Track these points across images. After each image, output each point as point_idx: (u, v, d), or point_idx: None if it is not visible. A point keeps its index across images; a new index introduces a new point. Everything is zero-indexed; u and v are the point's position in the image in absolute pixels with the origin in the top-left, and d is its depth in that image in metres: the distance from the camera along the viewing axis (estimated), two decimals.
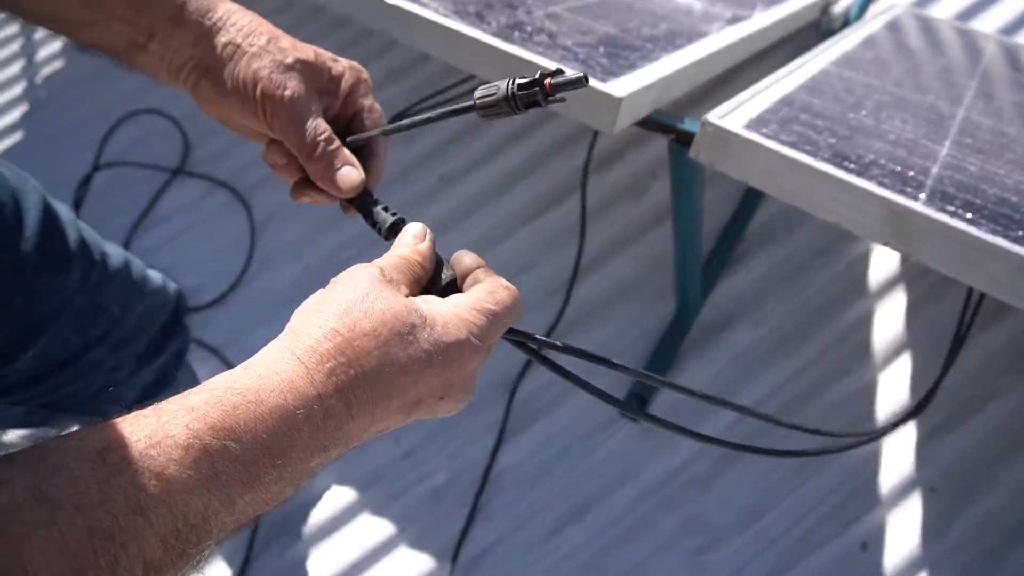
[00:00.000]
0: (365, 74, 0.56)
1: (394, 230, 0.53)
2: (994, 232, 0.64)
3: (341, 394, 0.37)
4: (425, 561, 1.20)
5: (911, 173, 0.71)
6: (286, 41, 0.53)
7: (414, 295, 0.43)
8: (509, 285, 0.46)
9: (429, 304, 0.42)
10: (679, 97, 0.99)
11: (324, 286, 0.44)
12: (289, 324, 0.39)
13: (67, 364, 0.74)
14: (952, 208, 0.66)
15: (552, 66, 0.80)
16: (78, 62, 1.91)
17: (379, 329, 0.38)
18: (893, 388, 1.23)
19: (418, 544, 1.22)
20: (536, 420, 1.30)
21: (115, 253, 0.80)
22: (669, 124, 0.85)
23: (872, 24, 1.29)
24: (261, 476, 0.34)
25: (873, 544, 1.14)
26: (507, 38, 0.85)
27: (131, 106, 1.74)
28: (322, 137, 0.52)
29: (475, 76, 0.86)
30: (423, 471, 1.28)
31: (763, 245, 1.39)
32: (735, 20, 1.11)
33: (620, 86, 0.78)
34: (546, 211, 1.50)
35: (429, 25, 0.86)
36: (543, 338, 0.49)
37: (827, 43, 1.10)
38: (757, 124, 0.75)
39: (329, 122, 0.54)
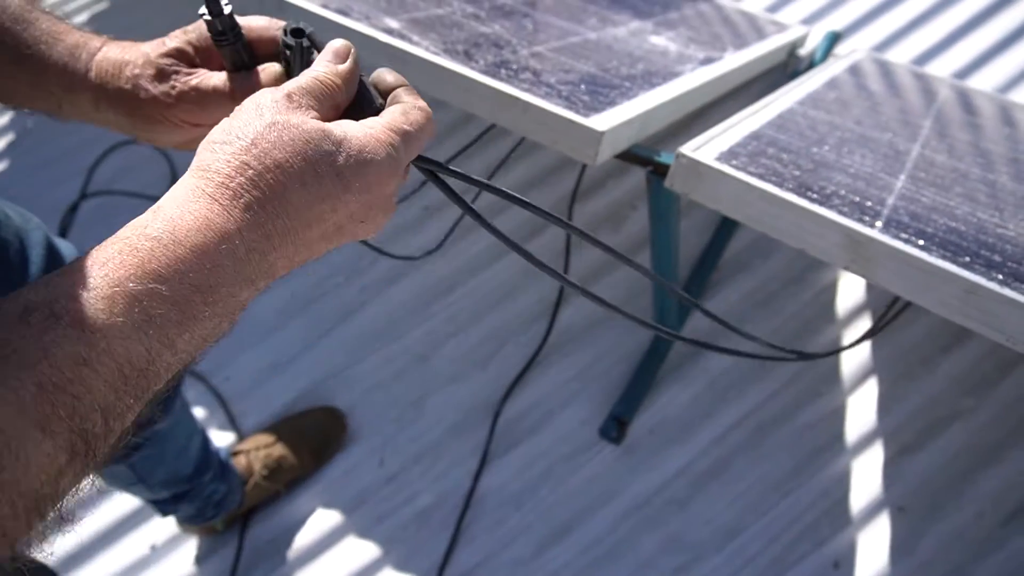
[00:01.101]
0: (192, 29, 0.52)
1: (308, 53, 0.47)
2: (944, 257, 0.69)
3: (260, 227, 0.36)
4: None
5: (869, 203, 0.77)
6: (141, 55, 0.51)
7: (328, 120, 0.41)
8: (424, 105, 0.45)
9: (342, 128, 0.40)
10: (656, 131, 1.05)
11: (309, 314, 0.44)
12: (195, 160, 0.38)
13: None
14: (906, 236, 0.72)
15: (537, 101, 0.85)
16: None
17: (291, 160, 0.37)
18: (862, 410, 1.28)
19: (402, 566, 1.24)
20: (519, 443, 1.33)
21: None
22: (647, 157, 0.91)
23: (835, 67, 1.37)
24: (195, 314, 0.34)
25: (845, 563, 1.17)
26: (494, 75, 0.90)
27: (118, 135, 1.76)
28: (233, 91, 0.50)
29: (473, 115, 0.91)
30: (407, 494, 1.30)
31: (738, 273, 1.45)
32: (707, 61, 1.18)
33: (601, 121, 0.84)
34: (530, 239, 1.55)
35: (420, 62, 0.91)
36: (455, 169, 0.46)
37: (793, 83, 1.17)
38: (728, 156, 0.80)
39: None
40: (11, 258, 0.67)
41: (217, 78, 0.51)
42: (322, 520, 1.29)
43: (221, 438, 1.38)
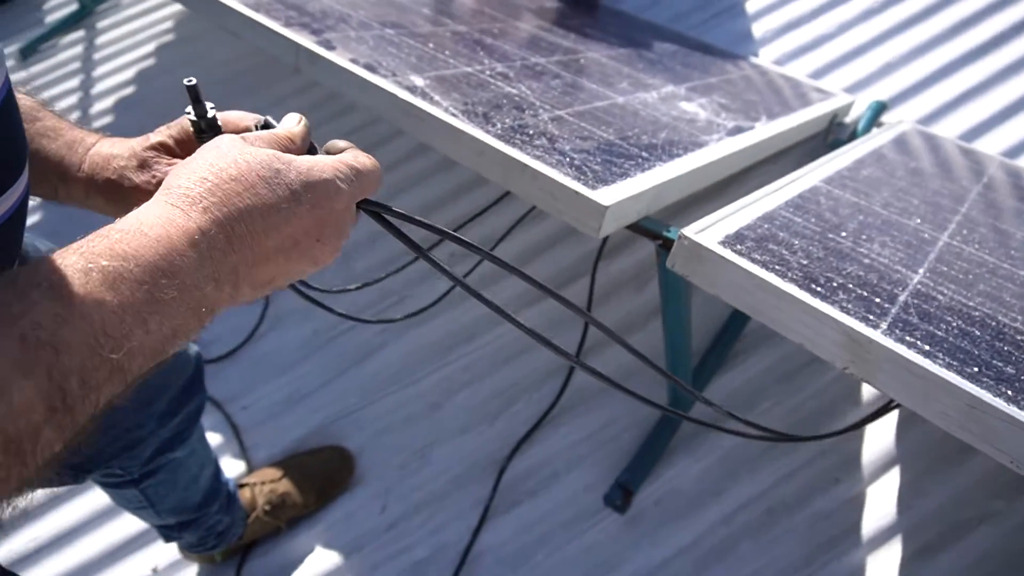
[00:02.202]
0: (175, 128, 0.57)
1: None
2: (949, 366, 0.66)
3: (219, 227, 0.39)
4: None
5: (877, 300, 0.74)
6: (128, 148, 0.56)
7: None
8: (369, 156, 0.49)
9: (290, 154, 0.45)
10: (679, 200, 1.03)
11: (330, 351, 0.46)
12: (160, 187, 0.42)
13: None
14: (912, 339, 0.69)
15: (546, 170, 0.86)
16: (119, 131, 2.04)
17: (245, 174, 0.41)
18: (881, 502, 1.22)
19: None
20: (521, 502, 1.30)
21: None
22: (655, 231, 0.89)
23: (875, 140, 1.33)
24: (161, 297, 0.36)
25: None
26: (508, 140, 0.91)
27: None
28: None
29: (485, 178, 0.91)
30: (405, 543, 1.29)
31: (761, 345, 1.41)
32: (736, 131, 1.16)
33: (608, 195, 0.83)
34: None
35: (435, 122, 0.92)
36: (400, 211, 0.50)
37: (825, 158, 1.15)
38: (734, 240, 0.78)
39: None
40: None
41: None
42: (319, 561, 1.28)
43: (231, 467, 1.40)
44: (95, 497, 1.37)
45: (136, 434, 0.86)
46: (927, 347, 0.68)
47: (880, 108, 1.61)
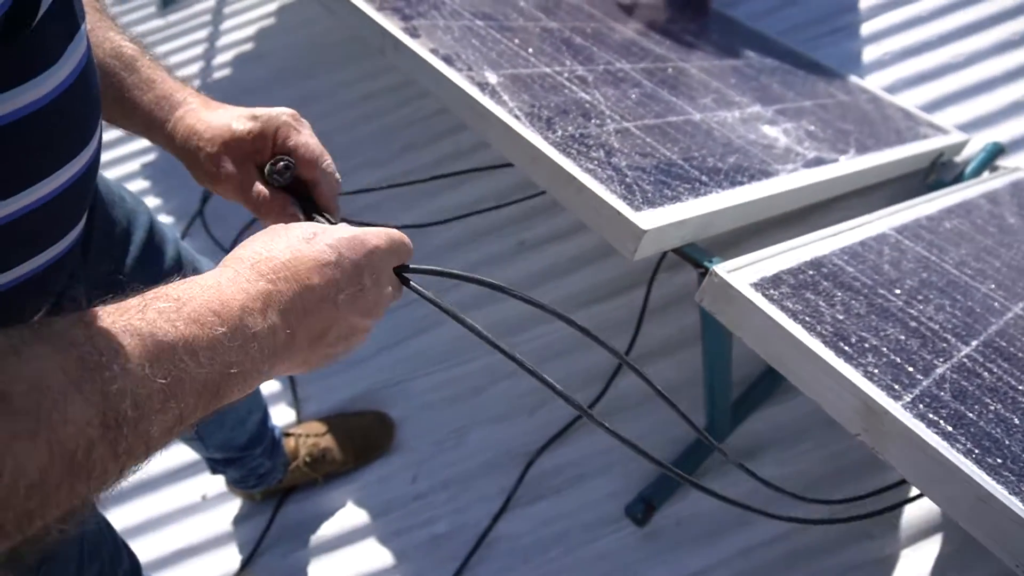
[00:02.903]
0: (284, 118, 0.63)
1: None
2: (969, 453, 0.62)
3: (266, 277, 0.43)
4: None
5: (910, 369, 0.71)
6: (208, 130, 0.62)
7: None
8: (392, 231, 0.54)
9: (333, 226, 0.50)
10: (736, 228, 1.01)
11: (390, 320, 0.52)
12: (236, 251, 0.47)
13: None
14: (935, 416, 0.65)
15: (592, 184, 0.86)
16: (234, 84, 2.17)
17: (290, 240, 0.46)
18: (915, 568, 1.16)
19: None
20: (544, 497, 1.33)
21: (207, 267, 0.93)
22: (696, 259, 0.88)
23: (975, 187, 1.24)
24: (212, 332, 0.39)
25: None
26: (564, 149, 0.92)
27: None
28: (260, 200, 0.61)
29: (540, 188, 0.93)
30: (429, 516, 1.34)
31: None
32: (816, 163, 1.11)
33: (650, 218, 0.83)
34: (610, 298, 1.54)
35: (496, 122, 0.94)
36: (434, 268, 0.56)
37: (907, 203, 1.08)
38: (769, 284, 0.76)
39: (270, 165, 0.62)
40: (117, 235, 0.78)
41: (247, 184, 0.63)
42: (348, 517, 1.36)
43: (281, 414, 1.49)
44: None
45: None
46: (950, 428, 0.65)
47: (996, 151, 1.49)
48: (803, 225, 1.49)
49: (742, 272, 0.76)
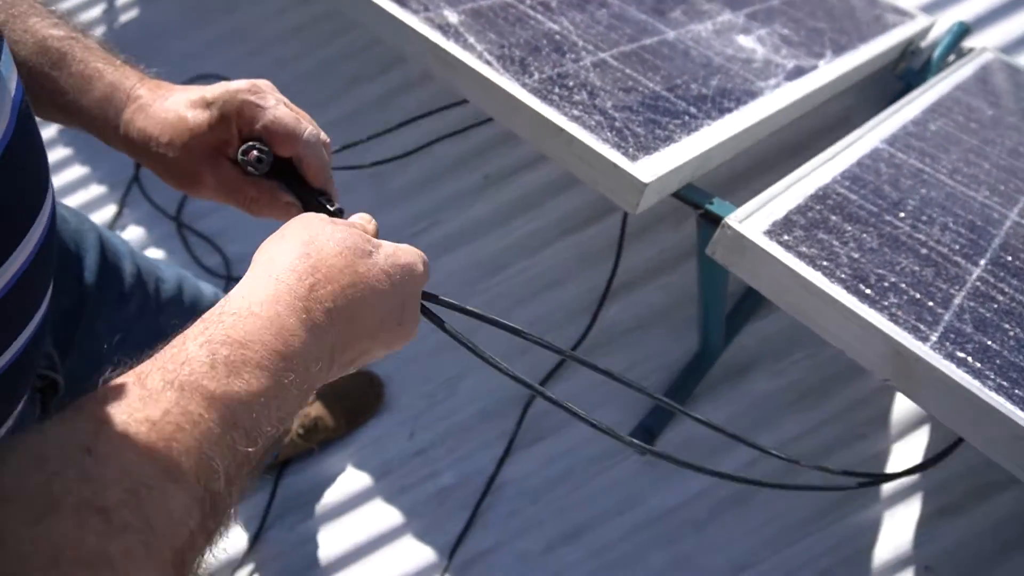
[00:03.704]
0: (241, 96, 0.53)
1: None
2: (999, 389, 0.62)
3: (321, 304, 0.40)
4: (423, 556, 1.27)
5: (931, 304, 0.69)
6: (163, 131, 0.53)
7: None
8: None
9: (378, 240, 0.47)
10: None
11: None
12: (254, 260, 0.42)
13: None
14: (963, 354, 0.65)
15: (582, 135, 0.80)
16: (144, 26, 1.95)
17: (344, 252, 0.42)
18: (905, 460, 1.22)
19: (418, 539, 1.29)
20: (545, 437, 1.33)
21: (169, 277, 0.84)
22: (697, 202, 0.84)
23: (949, 79, 1.21)
24: (282, 380, 0.36)
25: None
26: (546, 95, 0.85)
27: (193, 70, 1.78)
28: (246, 197, 0.54)
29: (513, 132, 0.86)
30: (432, 469, 1.34)
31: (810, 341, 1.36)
32: (796, 73, 1.06)
33: (648, 168, 0.78)
34: (585, 226, 1.50)
35: (469, 72, 0.86)
36: (454, 302, 0.54)
37: (891, 109, 1.05)
38: (781, 228, 0.73)
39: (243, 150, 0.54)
40: (69, 264, 0.70)
41: (226, 183, 0.55)
42: (349, 482, 1.35)
43: None
44: None
45: None
46: (978, 364, 0.64)
47: (962, 32, 1.45)
48: (788, 138, 1.45)
49: (753, 220, 0.73)
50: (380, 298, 0.43)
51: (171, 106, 0.54)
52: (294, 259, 0.40)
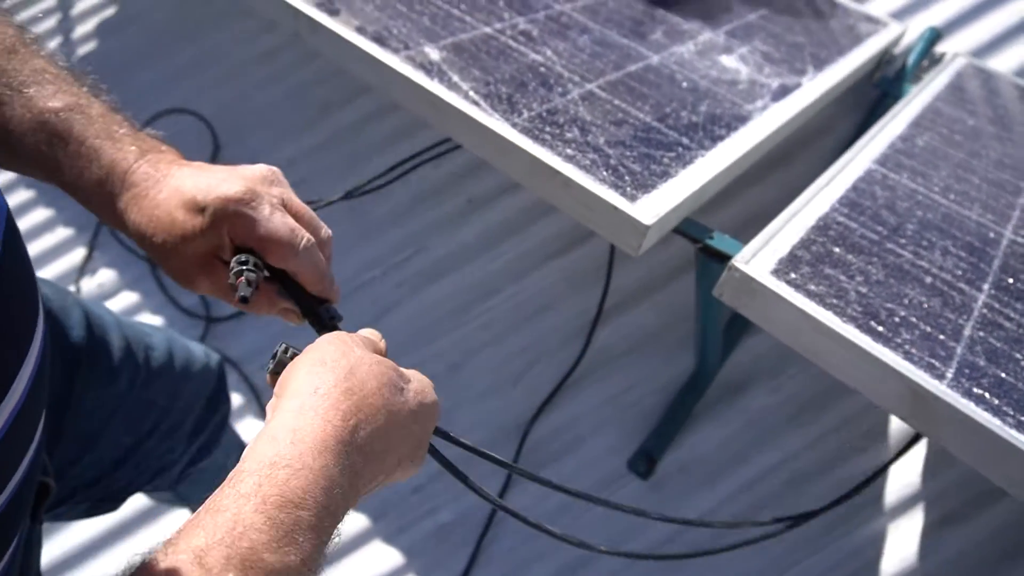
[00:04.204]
0: (232, 208, 0.50)
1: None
2: (1020, 426, 0.62)
3: (360, 449, 0.40)
4: None
5: (942, 337, 0.69)
6: (156, 232, 0.51)
7: None
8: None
9: (403, 369, 0.48)
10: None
11: (343, 308, 0.52)
12: (294, 387, 0.41)
13: (122, 462, 0.76)
14: (979, 390, 0.64)
15: (579, 177, 0.78)
16: (106, 58, 1.89)
17: (383, 389, 0.43)
18: (905, 471, 1.22)
19: None
20: (545, 466, 1.31)
21: (158, 343, 0.81)
22: (696, 237, 0.83)
23: (927, 91, 1.22)
24: (327, 538, 0.38)
25: None
26: (537, 134, 0.82)
27: (160, 104, 1.73)
28: (243, 307, 0.52)
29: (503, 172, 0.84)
30: (430, 507, 1.31)
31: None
32: (782, 93, 1.06)
33: (648, 208, 0.76)
34: (573, 248, 1.48)
35: (457, 114, 0.83)
36: (458, 438, 0.56)
37: (877, 127, 1.05)
38: (787, 266, 0.72)
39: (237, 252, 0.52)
40: (54, 343, 0.66)
41: (222, 286, 0.53)
42: (346, 524, 1.31)
43: (249, 429, 1.40)
44: None
45: (166, 459, 0.84)
46: (996, 400, 0.64)
47: (933, 38, 1.46)
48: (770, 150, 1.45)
49: (759, 259, 0.71)
50: (405, 438, 0.44)
51: (164, 202, 0.51)
52: (339, 396, 0.40)
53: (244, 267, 0.49)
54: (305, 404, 0.40)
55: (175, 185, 0.51)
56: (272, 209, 0.51)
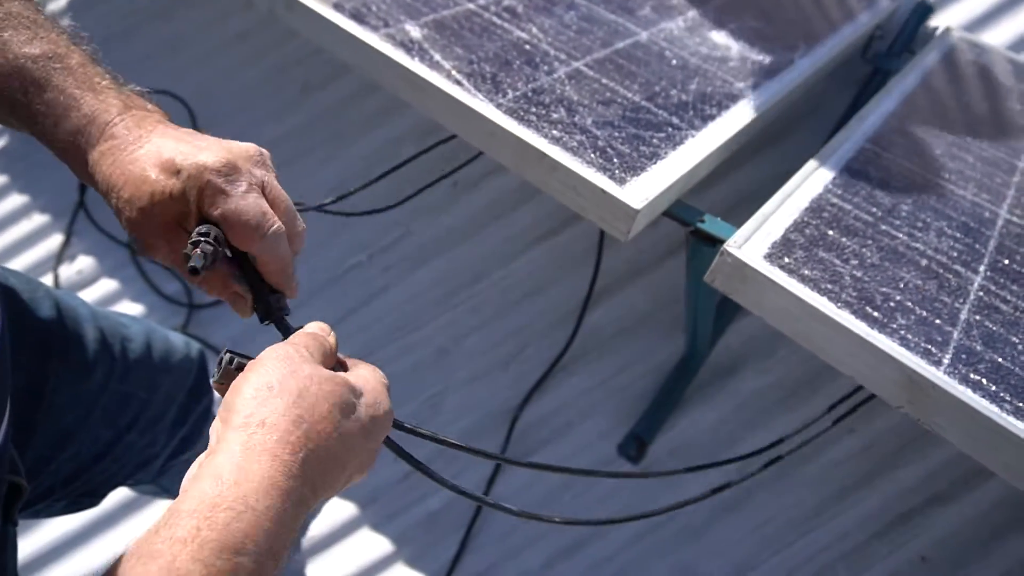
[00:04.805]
0: (207, 177, 0.48)
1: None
2: (1018, 413, 0.61)
3: (310, 480, 0.39)
4: None
5: (938, 321, 0.67)
6: (125, 186, 0.49)
7: (328, 368, 0.45)
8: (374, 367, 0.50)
9: (357, 376, 0.45)
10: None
11: (330, 294, 0.47)
12: (235, 414, 0.39)
13: (101, 457, 0.74)
14: (976, 376, 0.63)
15: (566, 160, 0.75)
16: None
17: (333, 411, 0.41)
18: (895, 452, 1.22)
19: (410, 566, 1.25)
20: (535, 451, 1.30)
21: (136, 335, 0.78)
22: (687, 220, 0.81)
23: (921, 66, 1.20)
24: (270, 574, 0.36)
25: None
26: (523, 114, 0.80)
27: (136, 85, 1.67)
28: (200, 278, 0.49)
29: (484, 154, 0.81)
30: (420, 493, 1.30)
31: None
32: (773, 71, 1.03)
33: (637, 191, 0.74)
34: (562, 230, 1.46)
35: (439, 94, 0.81)
36: (410, 426, 0.55)
37: (868, 106, 1.03)
38: (781, 251, 0.70)
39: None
40: (23, 337, 0.63)
41: (178, 255, 0.49)
42: (335, 512, 1.30)
43: None
44: None
45: (148, 452, 0.82)
46: (993, 386, 0.62)
47: (925, 12, 1.44)
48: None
49: (752, 243, 0.70)
50: (356, 455, 0.42)
51: (141, 159, 0.48)
52: (288, 426, 0.38)
53: (203, 239, 0.47)
54: (252, 440, 0.38)
55: (157, 144, 0.49)
56: (249, 188, 0.49)
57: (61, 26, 0.52)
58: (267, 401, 0.39)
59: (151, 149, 0.49)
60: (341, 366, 0.48)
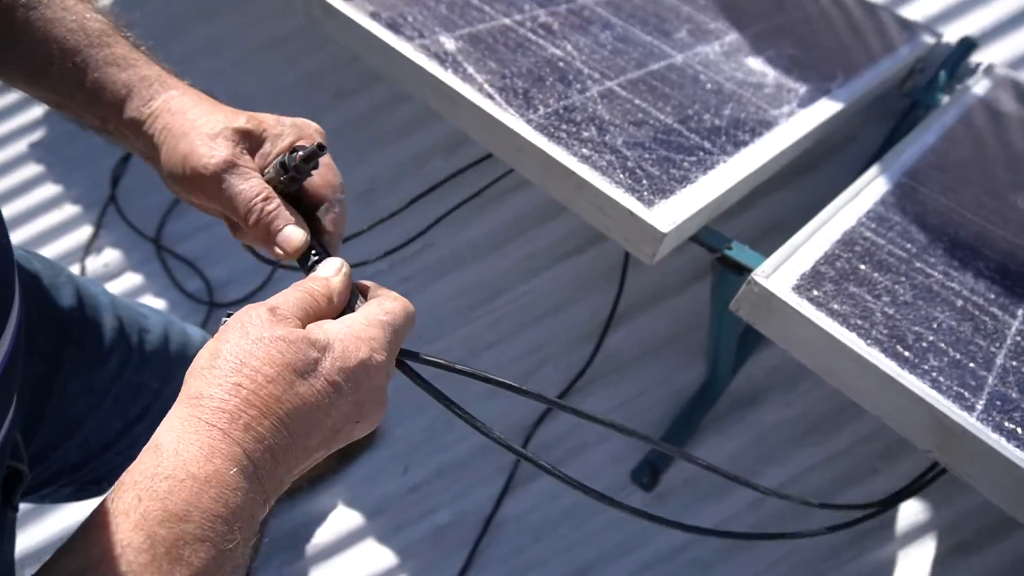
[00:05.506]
0: (310, 130, 0.53)
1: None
2: None
3: (262, 443, 0.37)
4: None
5: (972, 365, 0.65)
6: (220, 114, 0.51)
7: (334, 312, 0.44)
8: (397, 295, 0.47)
9: (323, 330, 0.41)
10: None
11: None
12: (184, 390, 0.39)
13: (109, 446, 0.74)
14: (1011, 424, 0.60)
15: (595, 179, 0.74)
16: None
17: (282, 372, 0.38)
18: (919, 496, 1.18)
19: None
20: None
21: (154, 326, 0.78)
22: (715, 246, 0.79)
23: (961, 101, 1.17)
24: (225, 547, 0.34)
25: None
26: (552, 132, 0.79)
27: None
28: (258, 199, 0.48)
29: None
30: (428, 507, 1.28)
31: None
32: (810, 99, 1.02)
33: (665, 214, 0.72)
34: (586, 248, 1.44)
35: (470, 107, 0.80)
36: (433, 358, 0.50)
37: (907, 139, 1.00)
38: (810, 283, 0.68)
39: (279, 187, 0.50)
40: (41, 322, 0.64)
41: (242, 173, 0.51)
42: (341, 521, 1.29)
43: None
44: None
45: None
46: None
47: (968, 48, 1.41)
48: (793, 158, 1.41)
49: (780, 273, 0.68)
50: (327, 413, 0.39)
51: (202, 125, 0.50)
52: (224, 395, 0.36)
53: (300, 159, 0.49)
54: (191, 413, 0.37)
55: (232, 110, 0.52)
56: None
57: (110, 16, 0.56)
58: (207, 372, 0.38)
59: (216, 119, 0.52)
60: (359, 296, 0.47)
